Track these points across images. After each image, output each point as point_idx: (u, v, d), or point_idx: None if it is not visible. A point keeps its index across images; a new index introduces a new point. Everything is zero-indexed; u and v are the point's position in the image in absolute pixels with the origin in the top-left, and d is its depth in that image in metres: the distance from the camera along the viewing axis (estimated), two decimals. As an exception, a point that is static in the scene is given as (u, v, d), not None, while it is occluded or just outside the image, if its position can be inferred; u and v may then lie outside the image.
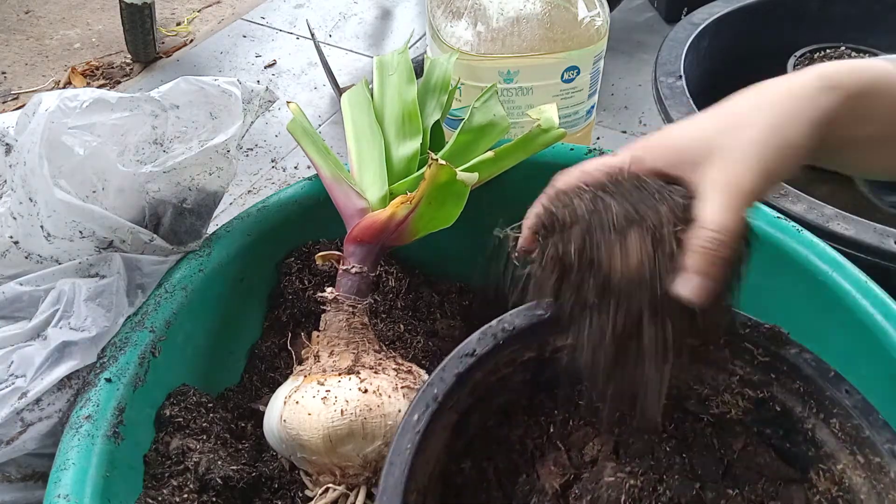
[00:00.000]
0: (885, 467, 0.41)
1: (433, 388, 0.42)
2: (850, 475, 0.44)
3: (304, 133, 0.64)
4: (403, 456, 0.40)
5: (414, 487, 0.40)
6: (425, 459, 0.42)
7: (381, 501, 0.38)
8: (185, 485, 0.51)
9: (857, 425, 0.42)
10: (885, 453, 0.41)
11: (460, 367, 0.43)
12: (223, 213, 1.10)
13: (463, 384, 0.44)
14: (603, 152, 0.67)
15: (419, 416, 0.41)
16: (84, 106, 0.52)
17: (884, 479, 0.41)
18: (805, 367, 0.45)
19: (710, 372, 0.49)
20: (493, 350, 0.45)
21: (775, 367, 0.46)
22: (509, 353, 0.47)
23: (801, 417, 0.46)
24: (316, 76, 1.41)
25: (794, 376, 0.45)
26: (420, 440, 0.40)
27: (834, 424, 0.44)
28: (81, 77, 1.45)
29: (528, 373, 0.50)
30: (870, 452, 0.42)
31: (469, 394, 0.46)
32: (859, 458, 0.43)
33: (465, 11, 0.85)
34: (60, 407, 0.50)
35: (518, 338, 0.46)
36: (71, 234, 0.52)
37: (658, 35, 1.31)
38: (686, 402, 0.52)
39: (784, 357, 0.45)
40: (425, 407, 0.42)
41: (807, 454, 0.46)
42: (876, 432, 0.42)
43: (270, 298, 0.67)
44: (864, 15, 1.08)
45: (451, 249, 0.69)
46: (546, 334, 0.48)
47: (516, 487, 0.48)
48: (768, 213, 0.61)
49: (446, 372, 0.43)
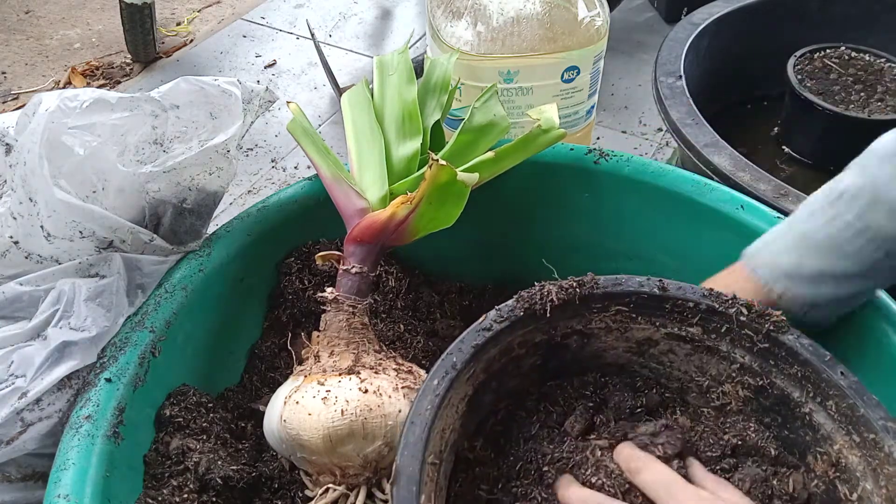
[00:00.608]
0: (880, 443, 0.43)
1: (452, 356, 0.45)
2: (847, 455, 0.45)
3: (304, 133, 0.64)
4: (424, 416, 0.42)
5: (431, 449, 0.42)
6: (442, 426, 0.44)
7: (402, 456, 0.41)
8: (185, 485, 0.51)
9: (852, 405, 0.44)
10: (879, 429, 0.43)
11: (478, 340, 0.46)
12: (223, 213, 1.10)
13: (479, 357, 0.47)
14: (603, 152, 0.67)
15: (439, 381, 0.44)
16: (84, 106, 0.52)
17: (878, 455, 0.43)
18: (802, 352, 0.46)
19: (713, 360, 0.51)
20: (508, 328, 0.48)
21: (774, 352, 0.48)
22: (522, 333, 0.49)
23: (798, 402, 0.48)
24: (316, 76, 1.41)
25: (792, 361, 0.47)
26: (439, 403, 0.43)
27: (830, 406, 0.46)
28: (81, 77, 1.45)
29: (539, 357, 0.52)
30: (864, 430, 0.44)
31: (484, 369, 0.48)
32: (854, 437, 0.44)
33: (465, 11, 0.85)
34: (60, 407, 0.50)
35: (532, 318, 0.48)
36: (71, 234, 0.52)
37: (658, 35, 1.31)
38: (687, 394, 0.53)
39: (782, 342, 0.47)
40: (444, 373, 0.44)
41: (804, 439, 0.48)
42: (870, 410, 0.43)
43: (270, 298, 0.67)
44: (864, 15, 1.08)
45: (451, 249, 0.69)
46: (558, 318, 0.50)
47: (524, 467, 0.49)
48: (768, 213, 0.61)
49: (464, 343, 0.46)
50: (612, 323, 0.51)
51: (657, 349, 0.52)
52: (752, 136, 1.06)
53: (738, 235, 0.61)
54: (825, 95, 0.96)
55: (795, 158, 1.02)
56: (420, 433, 0.41)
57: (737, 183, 0.74)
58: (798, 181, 0.99)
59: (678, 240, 0.66)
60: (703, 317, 0.49)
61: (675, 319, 0.50)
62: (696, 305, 0.49)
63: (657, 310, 0.50)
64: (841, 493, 0.45)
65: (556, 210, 0.70)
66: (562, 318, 0.50)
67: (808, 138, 1.00)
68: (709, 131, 0.82)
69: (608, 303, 0.50)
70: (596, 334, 0.52)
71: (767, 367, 0.48)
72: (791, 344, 0.47)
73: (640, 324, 0.51)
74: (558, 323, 0.50)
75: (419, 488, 0.40)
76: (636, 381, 0.54)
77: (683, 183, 0.64)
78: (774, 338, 0.47)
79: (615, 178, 0.66)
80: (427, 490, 0.41)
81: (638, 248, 0.69)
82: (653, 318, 0.51)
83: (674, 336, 0.51)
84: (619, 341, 0.52)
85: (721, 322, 0.49)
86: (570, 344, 0.52)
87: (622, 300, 0.50)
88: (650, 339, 0.52)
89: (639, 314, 0.50)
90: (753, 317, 0.47)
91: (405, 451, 0.41)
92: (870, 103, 0.95)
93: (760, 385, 0.49)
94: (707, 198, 0.63)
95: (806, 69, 0.99)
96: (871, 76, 0.98)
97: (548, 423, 0.51)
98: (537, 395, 0.53)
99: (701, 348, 0.51)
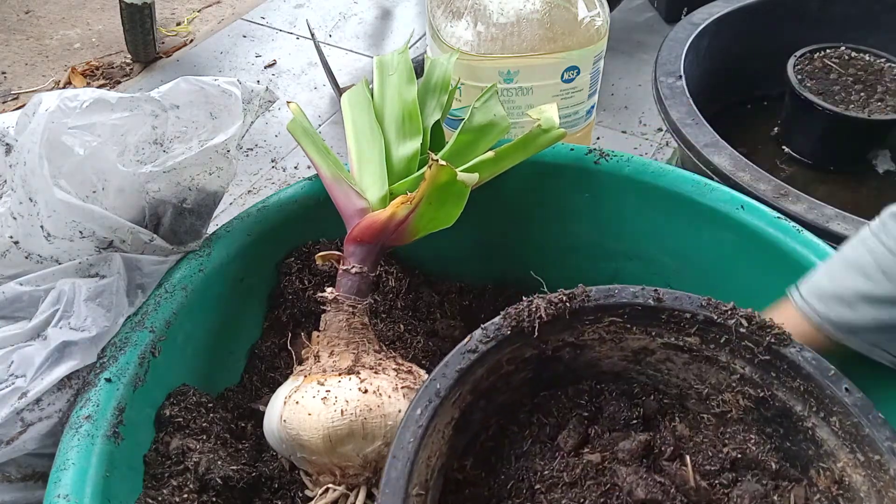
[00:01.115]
0: (885, 465, 0.41)
1: (435, 383, 0.43)
2: (850, 473, 0.44)
3: (304, 133, 0.64)
4: (406, 450, 0.40)
5: (416, 481, 0.41)
6: (427, 454, 0.42)
7: (384, 494, 0.39)
8: (185, 485, 0.51)
9: (856, 423, 0.43)
10: (884, 451, 0.41)
11: (462, 363, 0.44)
12: (223, 213, 1.10)
13: (464, 380, 0.45)
14: (603, 152, 0.67)
15: (422, 410, 0.42)
16: (84, 106, 0.52)
17: (883, 477, 0.41)
18: (805, 366, 0.45)
19: (712, 370, 0.50)
20: (494, 348, 0.46)
21: (775, 365, 0.46)
22: (510, 350, 0.47)
23: (801, 416, 0.46)
24: (316, 76, 1.41)
25: (795, 374, 0.46)
26: (422, 434, 0.41)
27: (834, 423, 0.44)
28: (81, 77, 1.45)
29: (530, 371, 0.50)
30: (869, 450, 0.42)
31: (470, 391, 0.46)
32: (859, 456, 0.43)
33: (465, 11, 0.85)
34: (60, 407, 0.50)
35: (520, 335, 0.47)
36: (71, 234, 0.52)
37: (658, 35, 1.31)
38: (687, 400, 0.52)
39: (784, 355, 0.46)
40: (428, 402, 0.42)
41: (807, 453, 0.47)
42: (875, 430, 0.42)
43: (270, 298, 0.67)
44: (864, 15, 1.08)
45: (451, 249, 0.69)
46: (548, 333, 0.48)
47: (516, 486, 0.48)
48: (768, 213, 0.61)
49: (448, 368, 0.44)
50: (606, 334, 0.50)
51: (654, 357, 0.51)
52: (752, 136, 1.06)
53: (738, 235, 0.62)
54: (825, 95, 0.96)
55: (795, 158, 1.02)
56: (402, 468, 0.40)
57: (737, 183, 0.74)
58: (798, 181, 0.99)
59: (678, 240, 0.66)
60: (700, 327, 0.48)
61: (671, 329, 0.49)
62: (693, 316, 0.48)
63: (653, 320, 0.49)
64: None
65: (557, 210, 0.70)
66: (552, 333, 0.49)
67: (808, 138, 1.00)
68: (709, 131, 0.82)
69: (601, 314, 0.48)
70: (589, 345, 0.50)
71: (769, 380, 0.47)
72: (793, 357, 0.45)
73: (636, 334, 0.50)
74: (548, 337, 0.49)
75: None
76: (633, 387, 0.53)
77: (683, 183, 0.64)
78: (776, 350, 0.46)
79: (615, 178, 0.66)
80: None
81: (638, 248, 0.69)
82: (648, 329, 0.49)
83: (671, 346, 0.50)
84: (614, 351, 0.51)
85: (720, 333, 0.48)
86: (563, 356, 0.51)
87: (615, 311, 0.48)
88: (646, 348, 0.51)
89: (633, 325, 0.49)
90: (754, 329, 0.46)
91: (387, 488, 0.39)
92: (870, 103, 0.95)
93: (761, 396, 0.48)
94: (707, 198, 0.63)
95: (806, 69, 0.99)
96: (871, 76, 0.98)
97: (540, 438, 0.50)
98: (530, 407, 0.52)
99: (699, 357, 0.50)
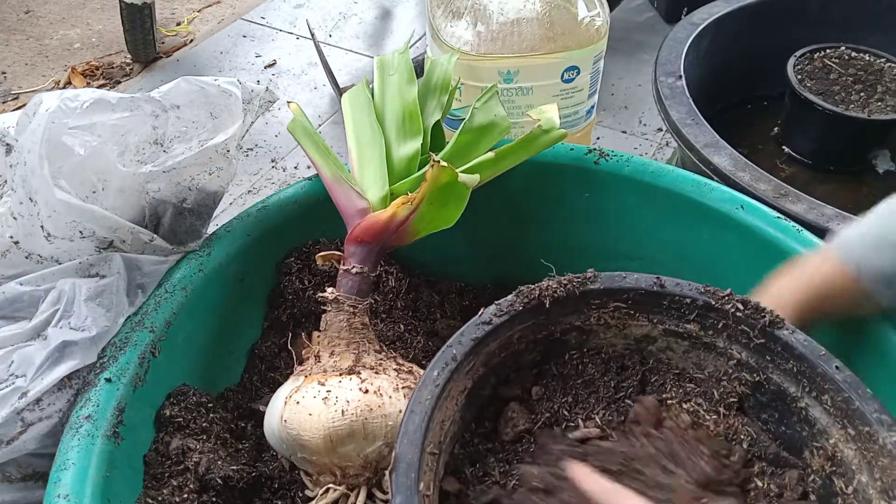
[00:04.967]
0: (874, 435, 0.43)
1: (451, 349, 0.46)
2: (842, 448, 0.46)
3: (304, 133, 0.64)
4: (424, 405, 0.42)
5: (431, 439, 0.42)
6: (442, 417, 0.44)
7: (402, 444, 0.41)
8: (185, 485, 0.51)
9: (847, 398, 0.45)
10: (873, 422, 0.43)
11: (477, 333, 0.47)
12: (223, 213, 1.10)
13: (478, 350, 0.47)
14: (603, 152, 0.67)
15: (439, 371, 0.44)
16: (84, 106, 0.52)
17: (873, 447, 0.43)
18: (798, 346, 0.47)
19: (710, 357, 0.51)
20: (507, 322, 0.48)
21: (770, 348, 0.48)
22: (521, 328, 0.50)
23: (794, 397, 0.48)
24: (316, 76, 1.41)
25: (788, 356, 0.48)
26: (439, 393, 0.43)
27: (826, 400, 0.46)
28: (81, 77, 1.45)
29: (539, 353, 0.52)
30: (859, 423, 0.44)
31: (483, 363, 0.48)
32: (850, 430, 0.45)
33: (465, 11, 0.85)
34: (60, 407, 0.50)
35: (531, 312, 0.49)
36: (71, 234, 0.52)
37: (658, 35, 1.31)
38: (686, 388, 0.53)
39: (778, 337, 0.48)
40: (444, 365, 0.45)
41: (801, 434, 0.48)
42: (865, 403, 0.44)
43: (270, 298, 0.67)
44: (864, 15, 1.08)
45: (451, 250, 0.69)
46: (558, 314, 0.50)
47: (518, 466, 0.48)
48: (768, 213, 0.61)
49: (464, 336, 0.46)
50: (611, 319, 0.52)
51: (655, 346, 0.53)
52: (752, 136, 1.06)
53: (738, 235, 0.62)
54: (825, 95, 0.96)
55: (795, 158, 1.02)
56: (420, 422, 0.42)
57: (737, 183, 0.74)
58: (798, 181, 0.99)
59: (678, 240, 0.66)
60: (700, 313, 0.50)
61: (672, 316, 0.51)
62: (693, 302, 0.50)
63: (655, 306, 0.51)
64: (837, 486, 0.46)
65: (557, 210, 0.70)
66: (561, 314, 0.51)
67: (808, 138, 1.00)
68: (709, 131, 0.82)
69: (607, 299, 0.51)
70: (595, 331, 0.52)
71: (763, 363, 0.49)
72: (786, 339, 0.47)
73: (639, 320, 0.52)
74: (558, 318, 0.51)
75: (418, 475, 0.40)
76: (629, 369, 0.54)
77: (683, 183, 0.64)
78: (770, 333, 0.48)
79: (615, 178, 0.66)
80: (426, 479, 0.41)
81: (638, 247, 0.69)
82: (651, 315, 0.51)
83: (672, 333, 0.52)
84: (618, 338, 0.53)
85: (718, 318, 0.50)
86: (570, 340, 0.53)
87: (620, 296, 0.50)
88: (648, 335, 0.52)
89: (637, 311, 0.51)
90: (749, 312, 0.48)
91: (404, 438, 0.41)
92: (870, 103, 0.95)
93: (757, 381, 0.50)
94: (707, 198, 0.63)
95: (806, 69, 0.99)
96: (871, 76, 0.98)
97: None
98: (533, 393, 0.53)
99: (698, 345, 0.51)
